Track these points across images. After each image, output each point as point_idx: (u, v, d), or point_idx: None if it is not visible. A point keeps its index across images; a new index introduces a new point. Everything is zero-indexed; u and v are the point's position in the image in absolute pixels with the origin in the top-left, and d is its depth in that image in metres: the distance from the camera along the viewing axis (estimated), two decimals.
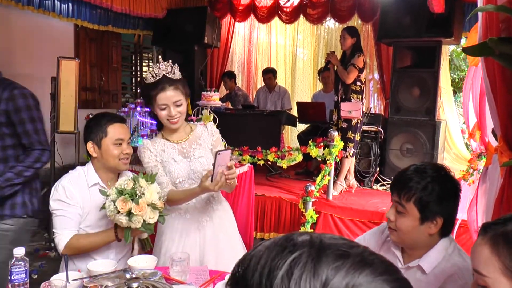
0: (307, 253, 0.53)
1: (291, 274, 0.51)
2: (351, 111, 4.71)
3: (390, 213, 1.59)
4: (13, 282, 1.62)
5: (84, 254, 2.09)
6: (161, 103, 2.11)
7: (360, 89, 4.80)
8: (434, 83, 5.04)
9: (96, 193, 2.07)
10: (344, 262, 0.52)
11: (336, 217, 4.36)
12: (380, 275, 0.52)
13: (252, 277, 0.54)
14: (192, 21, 6.56)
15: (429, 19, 4.80)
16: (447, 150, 6.05)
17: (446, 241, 1.56)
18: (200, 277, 1.91)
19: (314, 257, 0.52)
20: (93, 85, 7.38)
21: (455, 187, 1.53)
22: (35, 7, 5.01)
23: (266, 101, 6.67)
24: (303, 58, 7.98)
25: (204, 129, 2.30)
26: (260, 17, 7.06)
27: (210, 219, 2.26)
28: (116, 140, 2.11)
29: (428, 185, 1.49)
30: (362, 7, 6.15)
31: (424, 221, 1.51)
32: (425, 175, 1.50)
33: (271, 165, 5.41)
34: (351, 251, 0.54)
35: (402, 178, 1.55)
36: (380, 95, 6.74)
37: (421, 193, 1.48)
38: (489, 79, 1.61)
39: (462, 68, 8.76)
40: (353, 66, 4.69)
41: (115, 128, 2.12)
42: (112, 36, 7.47)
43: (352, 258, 0.53)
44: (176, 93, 2.12)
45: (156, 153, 2.20)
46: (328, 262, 0.52)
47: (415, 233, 1.53)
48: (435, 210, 1.49)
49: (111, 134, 2.10)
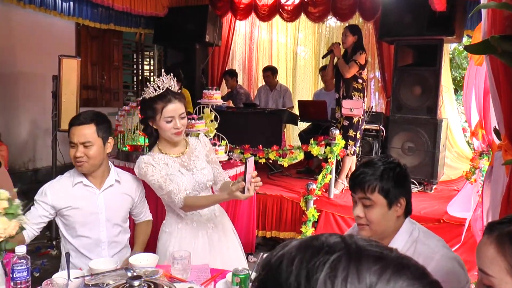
0: (347, 255, 0.52)
1: (334, 277, 0.50)
2: (353, 108, 4.70)
3: (357, 211, 1.68)
4: (15, 280, 1.62)
5: (78, 253, 2.17)
6: (168, 115, 2.13)
7: (362, 87, 4.79)
8: (435, 82, 5.03)
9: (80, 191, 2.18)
10: (383, 266, 0.52)
11: (338, 216, 4.36)
12: (417, 279, 0.52)
13: (288, 279, 0.53)
14: (193, 19, 6.56)
15: (430, 17, 4.78)
16: (448, 149, 6.04)
17: (409, 224, 1.67)
18: (201, 275, 1.91)
19: (354, 259, 0.52)
20: (95, 84, 7.38)
21: (403, 169, 1.67)
22: (36, 6, 5.02)
23: (267, 99, 6.66)
24: (304, 57, 7.96)
25: (197, 141, 2.36)
26: (261, 15, 7.05)
27: (215, 225, 2.31)
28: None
29: (383, 173, 1.61)
30: (363, 6, 6.14)
31: (391, 205, 1.62)
32: (377, 166, 1.64)
33: (273, 163, 5.41)
34: (386, 253, 0.54)
35: (359, 175, 1.65)
36: (382, 94, 6.73)
37: (380, 182, 1.60)
38: (494, 77, 1.60)
39: (463, 67, 8.75)
40: (354, 62, 4.68)
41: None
42: (113, 35, 7.47)
43: (390, 261, 0.53)
44: (181, 106, 2.17)
45: (160, 167, 2.18)
46: (368, 265, 0.51)
47: (386, 220, 1.64)
48: (396, 193, 1.62)
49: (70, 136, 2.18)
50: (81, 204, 2.16)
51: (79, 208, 2.16)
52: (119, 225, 2.29)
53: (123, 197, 2.30)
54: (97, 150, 2.15)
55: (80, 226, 2.16)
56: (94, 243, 2.19)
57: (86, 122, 2.14)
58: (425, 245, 1.61)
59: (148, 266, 1.85)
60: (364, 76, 4.83)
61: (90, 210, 2.18)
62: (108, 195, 2.23)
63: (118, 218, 2.27)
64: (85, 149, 2.12)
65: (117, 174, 2.30)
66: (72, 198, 2.15)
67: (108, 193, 2.23)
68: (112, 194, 2.25)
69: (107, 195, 2.23)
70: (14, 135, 5.91)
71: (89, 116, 2.17)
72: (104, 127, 2.19)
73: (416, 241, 1.63)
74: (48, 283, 1.62)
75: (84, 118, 2.15)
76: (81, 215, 2.16)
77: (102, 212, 2.20)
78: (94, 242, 2.19)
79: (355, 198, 1.68)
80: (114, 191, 2.25)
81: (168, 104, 2.12)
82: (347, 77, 4.76)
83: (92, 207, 2.19)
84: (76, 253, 2.17)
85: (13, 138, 5.80)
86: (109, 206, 2.23)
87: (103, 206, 2.21)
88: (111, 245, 2.24)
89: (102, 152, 2.18)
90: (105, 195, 2.22)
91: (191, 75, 6.55)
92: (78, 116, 2.20)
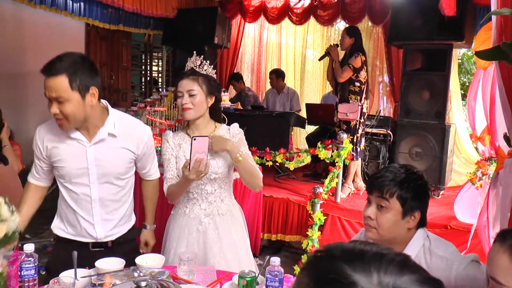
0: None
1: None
2: (348, 112, 4.67)
3: (369, 211, 1.66)
4: (22, 278, 1.63)
5: (69, 209, 2.09)
6: (178, 90, 2.18)
7: (359, 89, 4.76)
8: (444, 87, 5.00)
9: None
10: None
11: (344, 220, 4.35)
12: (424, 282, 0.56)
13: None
14: (202, 21, 6.57)
15: (440, 22, 4.75)
16: (456, 154, 6.01)
17: (422, 232, 1.65)
18: (207, 277, 1.91)
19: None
20: (103, 84, 7.39)
21: (425, 184, 1.65)
22: (47, 6, 5.06)
23: (275, 102, 6.66)
24: (313, 60, 7.96)
25: (226, 131, 2.28)
26: (270, 18, 7.06)
27: (213, 222, 2.22)
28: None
29: (404, 182, 1.60)
30: (373, 9, 6.13)
31: (405, 216, 1.61)
32: (400, 173, 1.63)
33: (279, 166, 5.41)
34: (366, 248, 0.60)
35: (380, 178, 1.65)
36: (390, 98, 6.71)
37: (400, 189, 1.60)
38: (504, 84, 1.59)
39: (472, 72, 8.70)
40: (348, 66, 4.67)
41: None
42: (122, 35, 7.51)
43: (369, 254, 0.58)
44: (192, 83, 2.17)
45: (174, 146, 2.23)
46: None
47: (396, 228, 1.62)
48: (413, 205, 1.60)
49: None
50: (71, 156, 1.99)
51: (68, 161, 2.00)
52: (113, 183, 2.07)
53: (118, 152, 2.06)
54: (74, 106, 1.84)
55: (70, 179, 2.02)
56: (84, 200, 2.04)
57: (57, 72, 1.81)
58: (439, 256, 1.58)
59: (154, 266, 1.86)
60: (363, 78, 4.77)
61: (80, 165, 1.99)
62: (100, 148, 2.01)
63: (111, 175, 2.05)
64: (59, 105, 1.84)
65: (113, 126, 2.03)
66: (62, 149, 2.01)
67: (100, 147, 2.01)
68: (106, 147, 2.02)
69: (99, 149, 2.01)
70: (23, 135, 5.94)
71: (61, 64, 1.82)
72: (81, 76, 1.84)
73: (430, 252, 1.60)
74: (55, 281, 1.62)
75: (55, 67, 1.82)
76: (71, 168, 2.01)
77: (92, 167, 2.00)
78: (84, 198, 2.04)
79: (371, 199, 1.67)
80: (107, 144, 2.02)
81: (179, 80, 2.19)
82: (340, 82, 4.74)
83: (82, 161, 1.99)
84: (68, 209, 2.06)
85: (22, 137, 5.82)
86: (100, 161, 2.01)
87: (94, 160, 2.00)
88: (104, 203, 2.07)
89: (82, 107, 1.87)
90: (97, 148, 2.00)
91: None
92: (50, 62, 1.84)
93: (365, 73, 4.79)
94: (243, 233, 2.33)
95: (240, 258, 2.23)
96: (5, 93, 5.70)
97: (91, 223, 2.07)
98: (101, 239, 2.10)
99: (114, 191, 2.10)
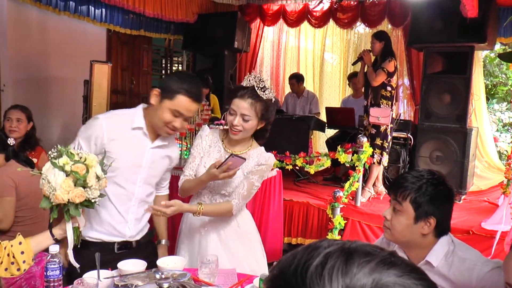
0: (341, 250, 0.60)
1: (325, 264, 0.57)
2: (380, 117, 4.65)
3: (387, 212, 1.69)
4: (48, 278, 1.67)
5: (107, 201, 2.06)
6: (232, 108, 2.13)
7: (391, 94, 4.73)
8: (465, 90, 4.93)
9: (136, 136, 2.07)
10: (372, 258, 0.58)
11: (364, 224, 4.32)
12: (408, 272, 0.57)
13: (289, 268, 0.60)
14: (222, 25, 6.61)
15: (461, 24, 4.67)
16: (478, 159, 5.91)
17: (447, 238, 1.64)
18: (228, 279, 1.92)
19: (347, 252, 0.59)
20: (124, 88, 7.50)
21: (448, 190, 1.63)
22: (71, 12, 5.17)
23: (294, 106, 6.65)
24: (332, 63, 7.92)
25: (256, 155, 2.24)
26: (290, 21, 7.06)
27: (215, 229, 2.24)
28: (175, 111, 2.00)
29: (422, 186, 1.58)
30: (393, 12, 6.09)
31: (418, 221, 1.59)
32: (421, 177, 1.61)
33: (299, 170, 5.40)
34: (379, 251, 0.60)
35: (400, 179, 1.67)
36: (410, 101, 6.65)
37: (415, 193, 1.58)
38: None
39: (495, 74, 8.57)
40: (382, 70, 4.64)
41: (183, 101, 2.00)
42: (143, 40, 7.58)
43: (380, 256, 0.58)
44: (249, 108, 2.09)
45: (204, 145, 2.25)
46: (359, 257, 0.58)
47: (408, 232, 1.61)
48: (428, 210, 1.58)
49: (176, 101, 1.98)
50: (130, 152, 2.05)
51: (126, 156, 2.03)
52: (152, 186, 2.19)
53: (165, 159, 2.19)
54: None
55: (120, 173, 2.03)
56: (127, 197, 2.08)
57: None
58: (462, 258, 1.57)
59: (175, 268, 1.87)
60: (394, 83, 4.76)
61: (136, 163, 2.07)
62: (158, 151, 2.13)
63: (154, 178, 2.17)
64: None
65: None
66: (125, 142, 2.03)
67: (157, 150, 2.12)
68: (160, 152, 2.14)
69: (157, 152, 2.12)
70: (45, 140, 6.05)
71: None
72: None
73: (453, 253, 1.60)
74: (79, 282, 1.65)
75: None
76: (126, 162, 2.04)
77: (146, 167, 2.09)
78: (127, 195, 2.08)
79: (391, 198, 1.69)
80: (162, 150, 2.15)
81: (236, 98, 2.14)
82: (374, 85, 4.72)
83: (139, 159, 2.08)
84: (102, 205, 1.98)
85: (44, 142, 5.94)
86: (153, 163, 2.12)
87: (149, 162, 2.10)
88: (140, 203, 2.13)
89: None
90: (155, 151, 2.11)
91: (219, 81, 6.59)
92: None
93: (396, 78, 4.77)
94: (249, 240, 2.32)
95: (250, 262, 2.25)
96: (29, 98, 5.82)
97: (125, 221, 2.10)
98: (132, 237, 2.12)
99: (150, 193, 2.19)
